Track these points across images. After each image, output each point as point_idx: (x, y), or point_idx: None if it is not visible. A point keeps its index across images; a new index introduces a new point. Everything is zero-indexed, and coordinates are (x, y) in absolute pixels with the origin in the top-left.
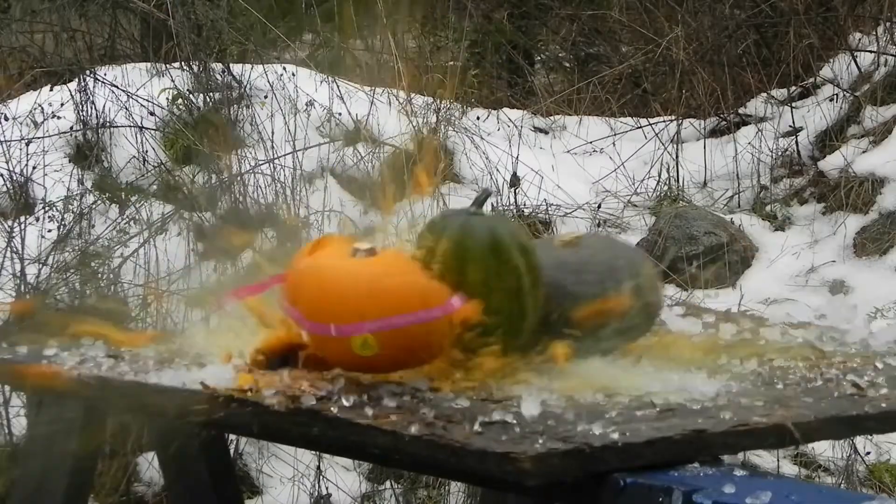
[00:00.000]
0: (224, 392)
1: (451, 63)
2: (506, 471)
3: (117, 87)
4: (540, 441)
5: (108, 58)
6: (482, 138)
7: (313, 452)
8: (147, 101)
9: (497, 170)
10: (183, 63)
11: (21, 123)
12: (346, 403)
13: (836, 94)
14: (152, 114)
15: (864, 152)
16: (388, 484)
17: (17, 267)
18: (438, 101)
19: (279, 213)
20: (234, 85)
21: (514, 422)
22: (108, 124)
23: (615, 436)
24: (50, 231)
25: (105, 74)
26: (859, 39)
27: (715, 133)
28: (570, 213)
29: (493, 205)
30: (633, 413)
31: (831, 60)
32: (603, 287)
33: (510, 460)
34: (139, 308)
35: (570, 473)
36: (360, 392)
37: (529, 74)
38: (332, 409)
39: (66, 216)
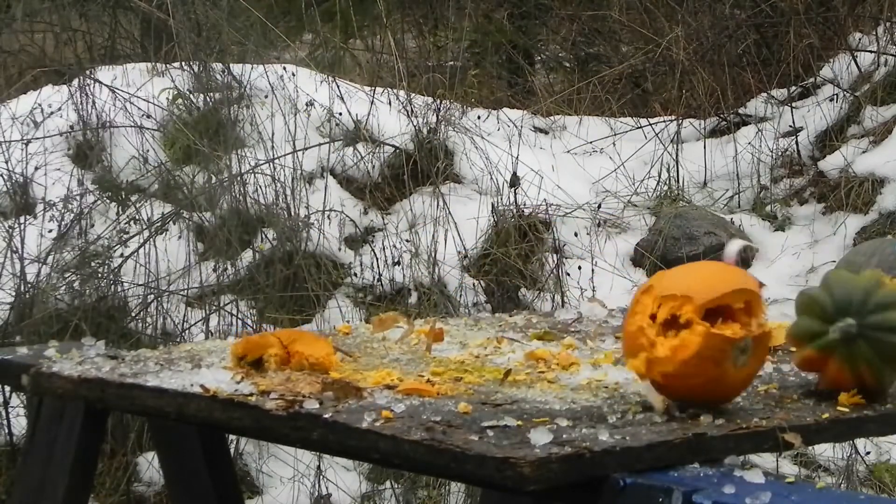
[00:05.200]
0: (224, 396)
1: (451, 63)
2: (505, 476)
3: (117, 90)
4: (539, 445)
5: (108, 58)
6: (482, 138)
7: (313, 452)
8: (147, 101)
9: (497, 170)
10: (183, 63)
11: (21, 123)
12: (345, 407)
13: (836, 94)
14: (149, 116)
15: (864, 152)
16: (388, 484)
17: (17, 267)
18: (438, 101)
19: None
20: (234, 85)
21: (515, 426)
22: (108, 124)
23: (615, 440)
24: (50, 231)
25: (105, 74)
26: (859, 39)
27: (715, 133)
28: (570, 213)
29: (494, 204)
30: (634, 417)
31: (831, 60)
32: None
33: (510, 465)
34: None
35: (569, 478)
36: (360, 396)
37: (529, 74)
38: (331, 413)
39: (65, 216)
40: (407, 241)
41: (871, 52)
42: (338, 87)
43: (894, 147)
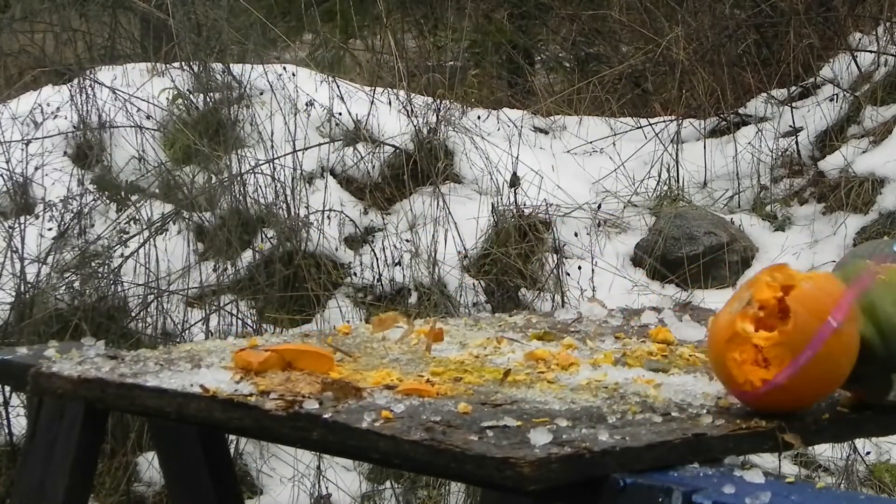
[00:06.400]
0: (223, 396)
1: (451, 63)
2: (505, 476)
3: (117, 90)
4: (539, 445)
5: (108, 58)
6: (482, 138)
7: (313, 452)
8: (147, 101)
9: (497, 170)
10: (183, 63)
11: (21, 123)
12: (345, 408)
13: (836, 94)
14: (149, 116)
15: (864, 152)
16: (388, 484)
17: (17, 267)
18: (438, 101)
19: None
20: (234, 85)
21: (515, 426)
22: (108, 124)
23: (615, 440)
24: (50, 230)
25: (105, 74)
26: (859, 39)
27: (715, 133)
28: (570, 213)
29: (494, 205)
30: (633, 417)
31: (831, 60)
32: None
33: (509, 465)
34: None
35: (569, 478)
36: (360, 396)
37: (529, 74)
38: (331, 413)
39: (65, 216)
40: (407, 241)
41: (871, 52)
42: (338, 87)
43: (894, 147)
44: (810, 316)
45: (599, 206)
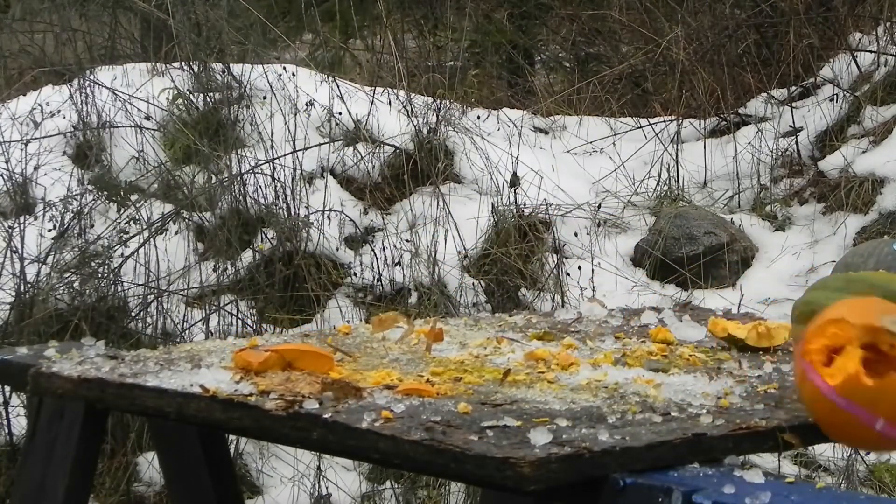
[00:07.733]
0: (223, 396)
1: (451, 63)
2: (505, 476)
3: (117, 90)
4: (539, 445)
5: (108, 58)
6: (482, 138)
7: (313, 452)
8: (147, 101)
9: (497, 170)
10: (183, 63)
11: (21, 123)
12: (345, 408)
13: (836, 94)
14: (149, 116)
15: (864, 152)
16: (388, 484)
17: (17, 267)
18: (438, 101)
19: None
20: (234, 85)
21: (515, 426)
22: (108, 124)
23: (615, 440)
24: (50, 231)
25: (105, 74)
26: (859, 39)
27: (715, 133)
28: (569, 212)
29: (493, 205)
30: (633, 417)
31: (831, 60)
32: None
33: (510, 465)
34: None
35: (569, 478)
36: (360, 396)
37: (529, 74)
38: (331, 413)
39: (65, 216)
40: (407, 241)
41: (871, 52)
42: (338, 87)
43: (894, 147)
44: (881, 399)
45: (599, 206)
